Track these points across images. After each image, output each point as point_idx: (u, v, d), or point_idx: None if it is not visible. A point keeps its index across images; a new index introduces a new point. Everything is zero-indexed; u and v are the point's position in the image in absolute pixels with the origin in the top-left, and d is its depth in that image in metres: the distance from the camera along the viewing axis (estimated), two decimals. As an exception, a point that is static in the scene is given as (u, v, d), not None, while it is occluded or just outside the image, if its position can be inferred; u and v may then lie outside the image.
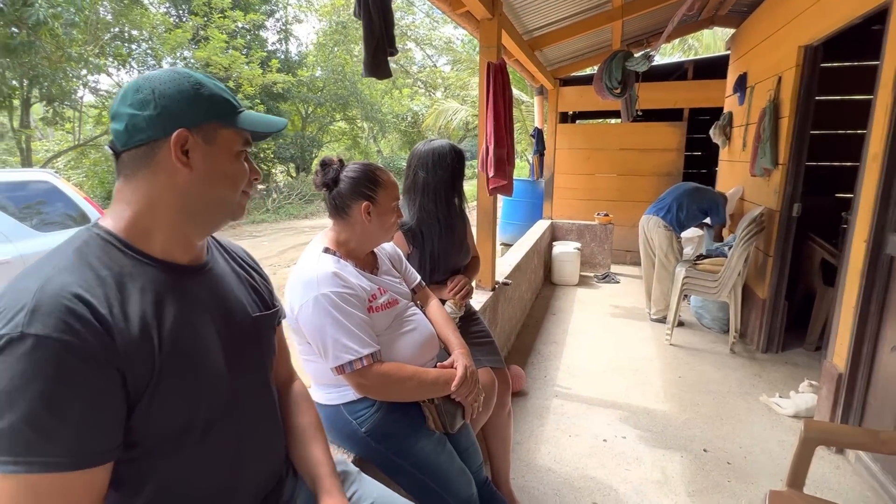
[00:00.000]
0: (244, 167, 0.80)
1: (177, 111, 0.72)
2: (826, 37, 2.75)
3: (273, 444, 0.93)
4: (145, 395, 0.68)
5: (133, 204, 0.74)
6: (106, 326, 0.64)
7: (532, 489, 2.05)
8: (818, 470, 2.15)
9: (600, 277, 5.45)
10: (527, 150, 11.64)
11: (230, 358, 0.81)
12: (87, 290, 0.65)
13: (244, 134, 0.79)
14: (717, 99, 4.89)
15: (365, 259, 1.36)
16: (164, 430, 0.72)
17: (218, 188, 0.77)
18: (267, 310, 0.93)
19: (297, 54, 17.28)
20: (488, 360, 1.79)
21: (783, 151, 3.16)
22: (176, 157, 0.72)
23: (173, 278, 0.76)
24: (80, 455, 0.62)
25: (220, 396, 0.79)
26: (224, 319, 0.83)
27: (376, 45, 1.43)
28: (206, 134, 0.75)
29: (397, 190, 1.35)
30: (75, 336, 0.61)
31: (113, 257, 0.72)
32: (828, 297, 3.21)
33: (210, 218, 0.79)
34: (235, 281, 0.90)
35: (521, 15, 3.62)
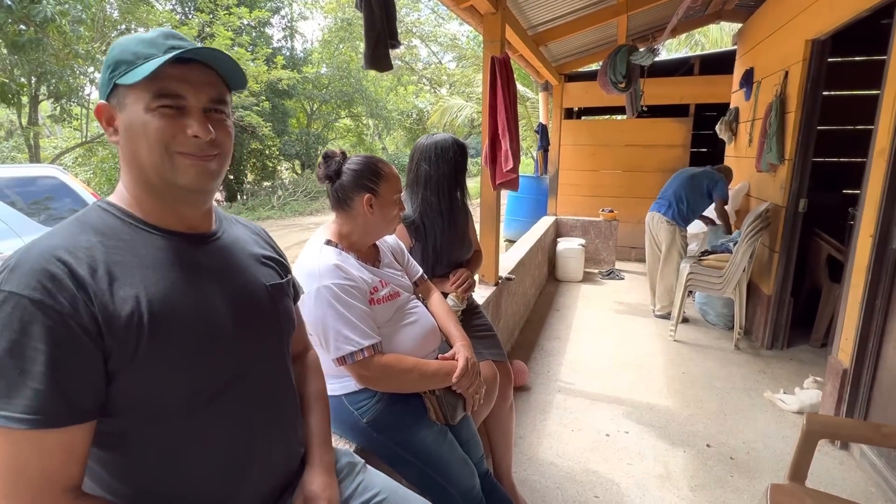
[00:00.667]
0: (160, 122, 0.71)
1: (104, 75, 0.73)
2: (834, 30, 2.72)
3: (289, 418, 0.91)
4: (134, 360, 0.67)
5: (122, 173, 0.77)
6: (83, 288, 0.65)
7: (534, 482, 2.05)
8: (822, 465, 2.15)
9: (605, 274, 5.43)
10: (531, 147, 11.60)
11: (239, 327, 0.80)
12: (69, 253, 0.66)
13: (152, 86, 0.70)
14: (724, 94, 4.86)
15: (367, 252, 1.37)
16: (163, 397, 0.71)
17: (135, 147, 0.72)
18: (282, 278, 0.92)
19: (303, 51, 17.32)
20: (490, 353, 1.80)
21: (789, 147, 3.14)
22: (104, 128, 0.74)
23: (175, 246, 0.76)
24: (45, 414, 0.61)
25: (227, 365, 0.77)
26: (233, 288, 0.81)
27: (377, 38, 1.43)
28: (119, 100, 0.72)
29: (399, 183, 1.35)
30: (46, 294, 0.62)
31: (110, 224, 0.73)
32: (834, 293, 3.19)
33: (146, 179, 0.74)
34: (248, 252, 0.88)
35: (526, 10, 3.61)
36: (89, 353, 0.65)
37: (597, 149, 6.02)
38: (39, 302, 0.62)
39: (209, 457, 0.77)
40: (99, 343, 0.65)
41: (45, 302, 0.62)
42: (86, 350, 0.65)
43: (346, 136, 19.28)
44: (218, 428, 0.77)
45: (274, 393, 0.87)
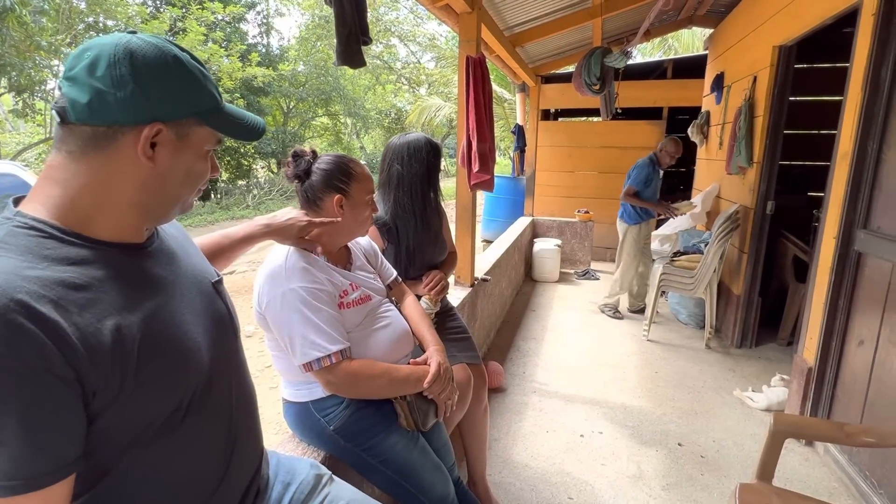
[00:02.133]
0: (208, 166, 0.74)
1: (155, 100, 0.63)
2: (799, 37, 2.80)
3: (254, 414, 0.89)
4: (123, 389, 0.61)
5: (72, 189, 0.63)
6: (52, 329, 0.55)
7: (508, 485, 2.04)
8: (788, 462, 2.20)
9: (580, 274, 5.49)
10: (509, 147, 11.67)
11: (206, 332, 0.76)
12: (20, 290, 0.54)
13: (217, 133, 0.72)
14: (696, 98, 4.96)
15: (338, 254, 1.33)
16: (145, 423, 0.66)
17: (179, 187, 0.70)
18: (217, 274, 0.88)
19: (279, 48, 17.06)
20: (464, 356, 1.78)
21: (758, 150, 3.21)
22: (142, 151, 0.63)
23: (128, 260, 0.68)
24: (24, 479, 0.54)
25: (200, 375, 0.74)
26: (192, 293, 0.77)
27: (349, 34, 1.40)
28: (180, 130, 0.67)
29: (371, 183, 1.32)
30: (8, 347, 0.52)
31: (50, 247, 0.60)
32: (799, 293, 3.28)
33: (162, 214, 0.73)
34: (184, 250, 0.83)
35: (502, 10, 3.61)
36: (68, 403, 0.57)
37: (573, 150, 6.08)
38: (1, 358, 0.52)
39: (188, 470, 0.74)
40: (77, 388, 0.57)
41: (7, 356, 0.52)
42: (64, 401, 0.56)
43: (324, 135, 19.06)
44: (195, 441, 0.73)
45: (240, 391, 0.84)
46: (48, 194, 0.63)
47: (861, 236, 2.05)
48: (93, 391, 0.58)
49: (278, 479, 0.98)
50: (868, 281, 2.02)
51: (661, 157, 3.90)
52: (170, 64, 0.64)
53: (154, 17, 11.80)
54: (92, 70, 0.61)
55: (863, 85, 2.01)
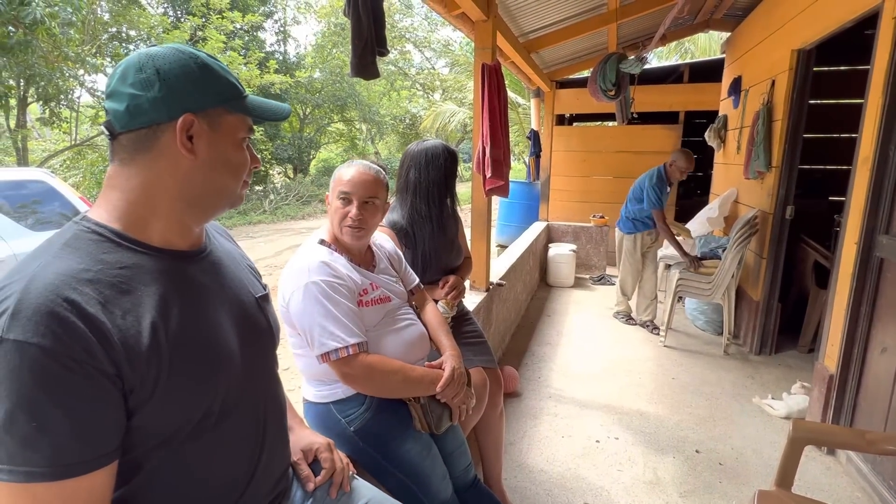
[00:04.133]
0: (246, 155, 0.77)
1: (183, 94, 0.68)
2: (819, 40, 2.77)
3: (283, 425, 0.92)
4: (156, 392, 0.65)
5: (128, 191, 0.69)
6: (97, 328, 0.60)
7: (524, 489, 2.05)
8: (809, 471, 2.16)
9: (595, 279, 5.46)
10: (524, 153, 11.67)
11: (242, 342, 0.79)
12: (74, 289, 0.60)
13: (248, 120, 0.76)
14: (713, 102, 4.91)
15: (361, 255, 1.37)
16: (177, 425, 0.69)
17: (220, 176, 0.74)
18: (264, 289, 0.91)
19: (296, 55, 17.33)
20: (480, 359, 1.80)
21: (776, 154, 3.18)
22: (181, 143, 0.68)
23: (175, 266, 0.73)
24: (66, 465, 0.58)
25: (236, 382, 0.77)
26: (232, 303, 0.80)
27: (364, 46, 1.43)
28: (212, 119, 0.71)
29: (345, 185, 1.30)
30: (57, 341, 0.57)
31: (106, 251, 0.66)
32: (820, 299, 3.22)
33: (210, 205, 0.76)
34: (234, 263, 0.87)
35: (517, 17, 3.64)
36: (109, 396, 0.61)
37: (588, 155, 6.07)
38: (50, 350, 0.56)
39: (217, 473, 0.77)
40: (118, 384, 0.61)
41: (56, 350, 0.56)
42: (105, 393, 0.61)
43: (339, 141, 19.28)
44: (225, 447, 0.77)
45: (271, 401, 0.87)
46: (109, 198, 0.70)
47: (883, 242, 2.02)
48: (130, 389, 0.63)
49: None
50: (891, 287, 1.99)
51: (670, 173, 3.69)
52: (188, 61, 0.70)
53: (175, 26, 12.09)
54: (123, 79, 0.67)
55: (884, 88, 1.99)
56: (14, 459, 0.56)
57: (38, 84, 8.93)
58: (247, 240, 9.47)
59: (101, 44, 10.29)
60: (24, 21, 7.03)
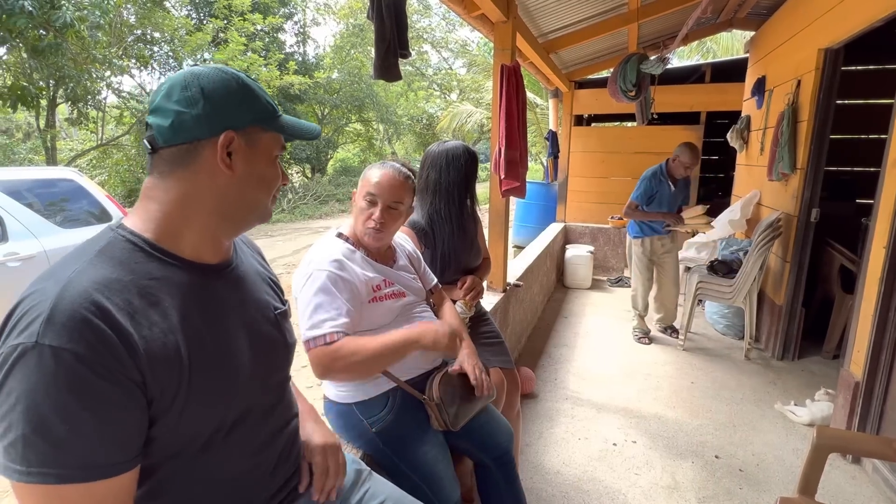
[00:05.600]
0: (278, 171, 0.81)
1: (224, 112, 0.71)
2: (847, 39, 2.70)
3: (295, 436, 0.94)
4: (174, 403, 0.67)
5: (166, 203, 0.72)
6: (125, 337, 0.62)
7: (540, 490, 2.05)
8: (833, 479, 2.12)
9: (613, 281, 5.41)
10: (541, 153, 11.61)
11: (258, 358, 0.81)
12: (107, 298, 0.62)
13: (281, 139, 0.80)
14: (735, 102, 4.83)
15: (381, 251, 1.39)
16: (190, 436, 0.72)
17: (254, 191, 0.77)
18: (283, 306, 0.93)
19: (314, 56, 17.51)
20: (498, 360, 1.80)
21: (801, 156, 3.11)
22: (220, 159, 0.71)
23: (202, 280, 0.75)
24: (96, 467, 0.61)
25: (250, 395, 0.80)
26: (252, 319, 0.82)
27: (387, 48, 1.45)
28: (250, 137, 0.74)
29: (373, 187, 1.31)
30: (90, 348, 0.59)
31: (138, 260, 0.69)
32: (846, 304, 3.15)
33: (242, 220, 0.79)
34: (258, 278, 0.90)
35: (537, 17, 3.63)
36: (137, 402, 0.64)
37: (606, 156, 6.01)
38: (84, 357, 0.59)
39: (225, 481, 0.79)
40: (144, 390, 0.64)
41: (89, 356, 0.59)
42: (133, 399, 0.63)
43: (357, 141, 19.41)
44: (234, 457, 0.79)
45: (284, 412, 0.90)
46: (146, 209, 0.73)
47: (913, 246, 1.96)
48: (151, 398, 0.65)
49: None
50: (921, 293, 1.94)
51: (672, 168, 3.48)
52: (230, 80, 0.73)
53: (198, 28, 12.33)
54: (169, 97, 0.70)
55: (915, 89, 1.94)
56: (47, 462, 0.58)
57: (67, 85, 9.18)
58: (266, 238, 9.61)
59: (127, 46, 10.54)
60: (54, 24, 7.24)
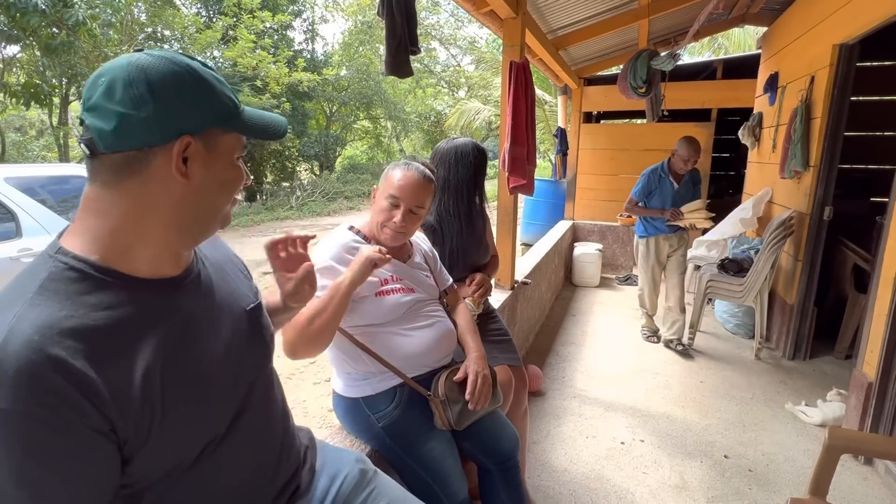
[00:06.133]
0: (241, 173, 0.72)
1: (178, 113, 0.61)
2: (863, 35, 2.66)
3: (285, 427, 0.91)
4: (150, 437, 0.62)
5: (114, 218, 0.62)
6: (85, 385, 0.55)
7: (547, 489, 2.05)
8: (845, 480, 2.09)
9: (622, 279, 5.38)
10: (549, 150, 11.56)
11: (237, 363, 0.76)
12: (57, 344, 0.54)
13: (243, 139, 0.71)
14: (747, 99, 4.77)
15: (398, 247, 1.39)
16: (176, 458, 0.67)
17: (214, 198, 0.69)
18: (256, 300, 0.86)
19: (323, 54, 17.54)
20: (505, 357, 1.80)
21: (815, 153, 3.07)
22: (175, 168, 0.62)
23: (165, 297, 0.67)
24: None
25: (231, 407, 0.75)
26: (225, 323, 0.76)
27: (398, 45, 1.45)
28: (207, 140, 0.65)
29: (396, 190, 1.30)
30: (45, 407, 0.52)
31: (88, 290, 0.59)
32: (859, 303, 3.10)
33: (202, 230, 0.71)
34: (224, 273, 0.82)
35: (546, 14, 3.60)
36: (104, 452, 0.58)
37: (616, 153, 5.97)
38: (38, 416, 0.52)
39: (218, 490, 0.75)
40: (112, 437, 0.58)
41: (44, 416, 0.52)
42: (100, 450, 0.57)
43: (365, 138, 19.45)
44: (228, 464, 0.75)
45: (272, 409, 0.86)
46: (89, 225, 0.63)
47: (929, 245, 1.93)
48: (124, 440, 0.60)
49: (325, 471, 1.01)
50: (937, 292, 1.90)
51: (673, 164, 3.39)
52: (184, 74, 0.62)
53: (208, 26, 12.40)
54: (110, 95, 0.59)
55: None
56: None
57: (79, 83, 9.29)
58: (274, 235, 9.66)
59: (138, 43, 10.63)
60: (67, 23, 7.32)
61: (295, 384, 3.27)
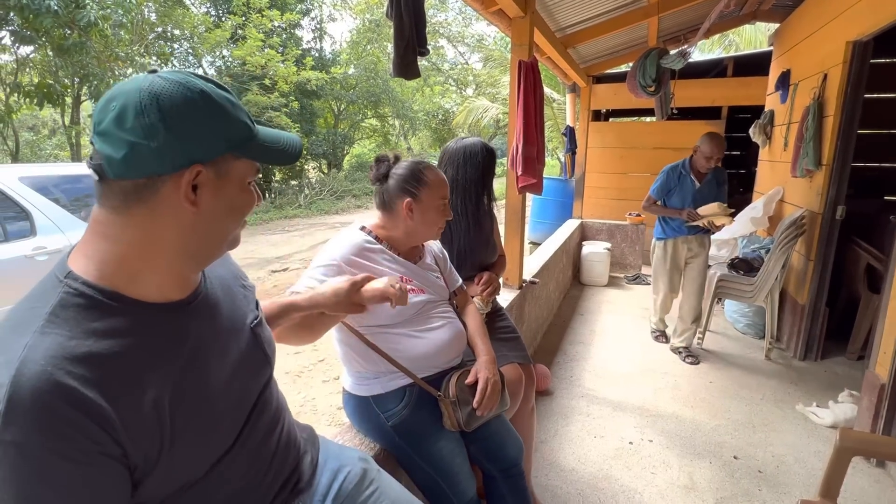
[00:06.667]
0: (252, 196, 0.71)
1: (189, 142, 0.61)
2: (877, 31, 2.62)
3: (289, 432, 0.92)
4: (160, 462, 0.63)
5: (122, 244, 0.63)
6: (97, 413, 0.55)
7: (555, 488, 2.05)
8: (856, 482, 2.07)
9: (630, 279, 5.35)
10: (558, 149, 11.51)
11: (242, 382, 0.77)
12: (68, 374, 0.55)
13: (256, 163, 0.70)
14: (758, 97, 4.72)
15: (408, 249, 1.40)
16: (188, 478, 0.69)
17: (223, 224, 0.69)
18: (257, 313, 0.87)
19: (331, 52, 17.60)
20: (514, 355, 1.80)
21: (827, 152, 3.04)
22: (185, 196, 0.62)
23: (172, 321, 0.68)
24: None
25: (237, 422, 0.76)
26: (230, 345, 0.77)
27: (406, 46, 1.46)
28: (219, 167, 0.64)
29: (445, 189, 1.36)
30: (59, 437, 0.53)
31: (96, 318, 0.60)
32: (872, 304, 3.07)
33: (210, 254, 0.71)
34: (229, 293, 0.82)
35: (555, 12, 3.59)
36: (118, 477, 0.59)
37: (625, 151, 5.94)
38: (54, 447, 0.53)
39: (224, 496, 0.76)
40: (124, 461, 0.59)
41: (59, 446, 0.53)
42: (114, 475, 0.59)
43: (373, 136, 19.49)
44: (233, 473, 0.76)
45: (274, 413, 0.87)
46: (97, 248, 0.63)
47: (944, 245, 1.90)
48: (134, 465, 0.61)
49: (327, 467, 1.01)
50: (952, 293, 1.88)
51: (695, 161, 3.24)
52: (197, 101, 0.61)
53: (217, 25, 12.48)
54: (121, 122, 0.58)
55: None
56: None
57: (91, 83, 9.38)
58: (283, 234, 9.73)
59: (148, 43, 10.73)
60: (79, 23, 7.40)
61: (304, 382, 3.29)
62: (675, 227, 3.35)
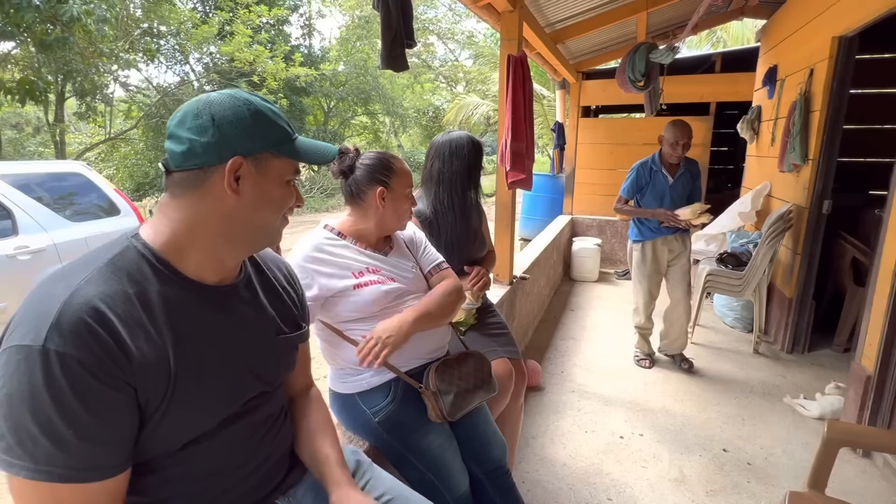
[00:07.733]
0: (291, 192, 0.82)
1: (233, 139, 0.73)
2: (863, 27, 2.64)
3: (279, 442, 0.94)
4: (157, 411, 0.71)
5: (175, 222, 0.75)
6: (123, 346, 0.66)
7: (546, 483, 2.05)
8: (843, 473, 2.10)
9: (620, 274, 5.38)
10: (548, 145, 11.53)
11: (247, 376, 0.84)
12: (110, 309, 0.66)
13: (295, 163, 0.81)
14: (746, 93, 4.76)
15: (374, 240, 1.37)
16: (174, 441, 0.75)
17: (261, 214, 0.79)
18: (294, 330, 0.95)
19: (320, 49, 17.46)
20: (504, 350, 1.79)
21: (813, 146, 3.06)
22: (227, 184, 0.74)
23: (199, 299, 0.78)
24: (97, 469, 0.65)
25: (233, 408, 0.82)
26: (246, 339, 0.84)
27: (393, 38, 1.44)
28: (259, 162, 0.76)
29: (411, 178, 1.37)
30: (93, 355, 0.63)
31: (143, 273, 0.73)
32: (858, 297, 3.11)
33: (248, 242, 0.82)
34: (265, 301, 0.90)
35: (544, 7, 3.58)
36: (132, 406, 0.68)
37: (614, 147, 5.95)
38: (87, 363, 0.63)
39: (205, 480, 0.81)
40: (136, 396, 0.69)
41: (92, 363, 0.63)
42: (130, 403, 0.68)
43: (363, 134, 19.37)
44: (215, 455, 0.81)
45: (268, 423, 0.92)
46: (160, 223, 0.77)
47: (928, 238, 1.93)
48: (139, 405, 0.69)
49: None
50: (936, 285, 1.90)
51: (664, 154, 2.99)
52: (241, 107, 0.75)
53: (204, 21, 12.32)
54: (182, 124, 0.73)
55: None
56: (52, 461, 0.62)
57: (74, 79, 9.25)
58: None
59: (134, 39, 10.56)
60: (61, 18, 7.25)
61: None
62: (652, 227, 3.07)
